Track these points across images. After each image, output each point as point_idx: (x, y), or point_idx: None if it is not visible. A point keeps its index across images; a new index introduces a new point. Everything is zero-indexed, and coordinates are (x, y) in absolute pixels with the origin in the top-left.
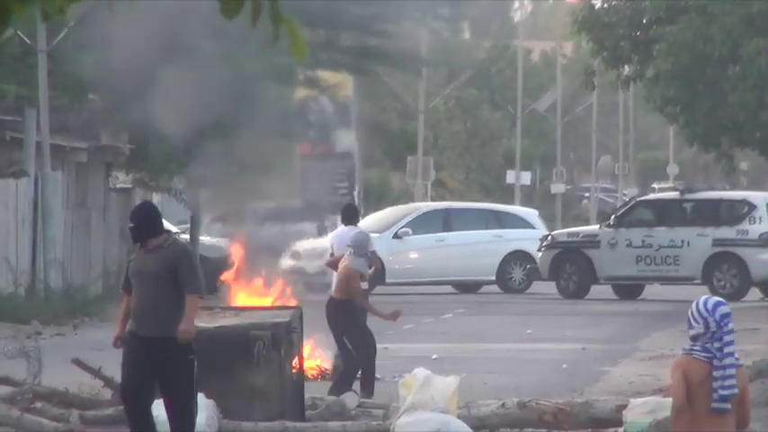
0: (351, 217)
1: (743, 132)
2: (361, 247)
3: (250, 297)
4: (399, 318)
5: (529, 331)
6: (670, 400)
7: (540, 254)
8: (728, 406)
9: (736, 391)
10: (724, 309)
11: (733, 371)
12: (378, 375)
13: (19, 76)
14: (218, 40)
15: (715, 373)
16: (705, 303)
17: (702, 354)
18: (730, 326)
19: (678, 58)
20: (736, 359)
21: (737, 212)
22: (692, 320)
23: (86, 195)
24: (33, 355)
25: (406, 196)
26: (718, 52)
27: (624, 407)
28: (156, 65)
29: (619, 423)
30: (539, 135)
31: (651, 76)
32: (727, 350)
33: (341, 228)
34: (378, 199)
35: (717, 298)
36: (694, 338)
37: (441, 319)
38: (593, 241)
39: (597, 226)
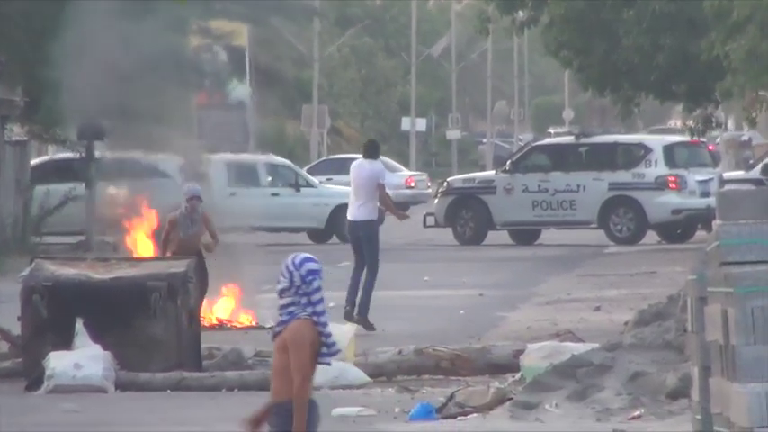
0: (372, 152)
1: (638, 76)
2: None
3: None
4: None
5: (426, 278)
6: (567, 344)
7: (435, 200)
8: (329, 361)
9: (338, 348)
10: (311, 265)
11: (330, 329)
12: (274, 323)
13: None
14: None
15: (320, 329)
16: (294, 259)
17: (303, 314)
18: (316, 283)
19: (572, 2)
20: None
21: (633, 156)
22: (280, 275)
23: None
24: None
25: (301, 145)
26: None
27: (521, 352)
28: (50, 17)
29: (516, 368)
30: (434, 82)
31: (546, 22)
32: (321, 307)
33: (360, 160)
34: (273, 148)
35: (306, 255)
36: (281, 293)
37: (337, 266)
38: (489, 187)
39: (493, 172)
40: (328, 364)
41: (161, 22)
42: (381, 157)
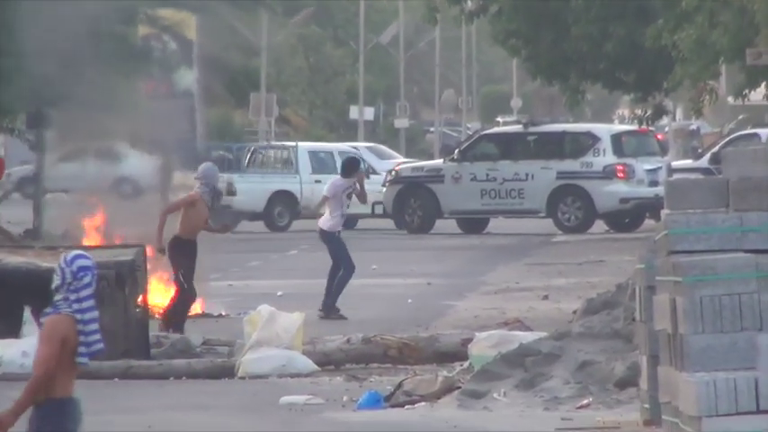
0: (343, 170)
1: (587, 65)
2: (207, 177)
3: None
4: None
5: (374, 267)
6: (515, 333)
7: (384, 189)
8: (86, 361)
9: (101, 346)
10: (82, 262)
11: (95, 326)
12: (222, 312)
13: None
14: None
15: (80, 327)
16: (66, 256)
17: (66, 309)
18: (87, 279)
19: None
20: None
21: (581, 145)
22: (54, 274)
23: None
24: None
25: (249, 133)
26: None
27: (469, 341)
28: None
29: (464, 357)
30: (382, 70)
31: (494, 11)
32: (86, 304)
33: (336, 177)
34: (221, 137)
35: (79, 252)
36: (55, 290)
37: (286, 255)
38: (437, 176)
39: (441, 160)
40: (85, 364)
41: (110, 10)
42: (378, 144)
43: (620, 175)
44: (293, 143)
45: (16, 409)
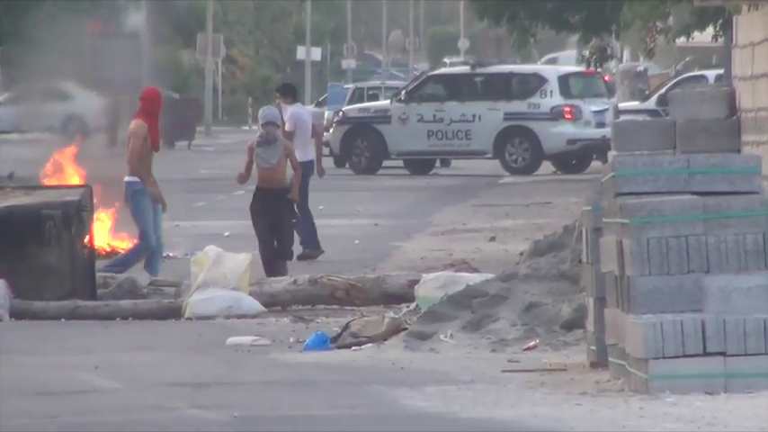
0: (290, 94)
1: (534, 5)
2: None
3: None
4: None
5: (321, 207)
6: (462, 274)
7: (330, 130)
8: None
9: None
10: None
11: None
12: (169, 253)
13: None
14: None
15: None
16: None
17: None
18: None
19: None
20: None
21: (529, 86)
22: None
23: None
24: None
25: (196, 73)
26: None
27: (416, 282)
28: None
29: (411, 298)
30: (329, 10)
31: None
32: None
33: (299, 107)
34: (169, 77)
35: None
36: None
37: (232, 195)
38: (384, 116)
39: (388, 101)
40: None
41: None
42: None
43: (568, 116)
44: None
45: None
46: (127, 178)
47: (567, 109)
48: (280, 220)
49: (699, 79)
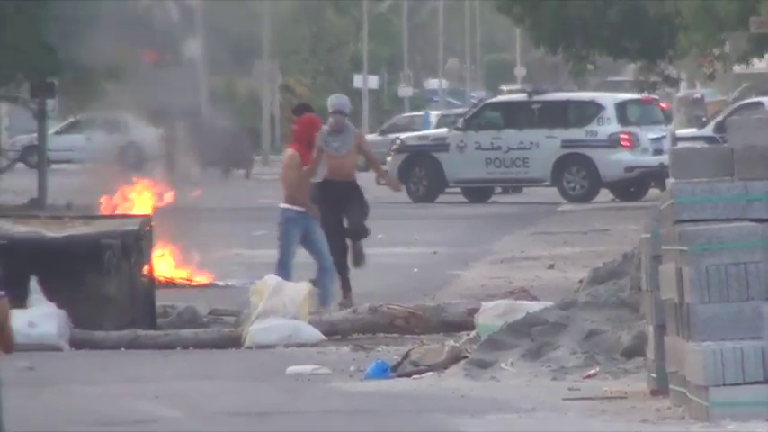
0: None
1: (590, 32)
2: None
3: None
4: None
5: (380, 236)
6: (521, 302)
7: (388, 158)
8: None
9: None
10: None
11: None
12: (228, 282)
13: None
14: None
15: None
16: None
17: None
18: None
19: None
20: None
21: (586, 113)
22: None
23: None
24: None
25: (252, 102)
26: None
27: (476, 310)
28: None
29: (470, 326)
30: (385, 38)
31: None
32: None
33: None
34: (223, 106)
35: None
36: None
37: None
38: (442, 144)
39: (446, 129)
40: None
41: None
42: None
43: (625, 143)
44: None
45: None
46: (282, 205)
47: (625, 136)
48: (349, 207)
49: (756, 106)
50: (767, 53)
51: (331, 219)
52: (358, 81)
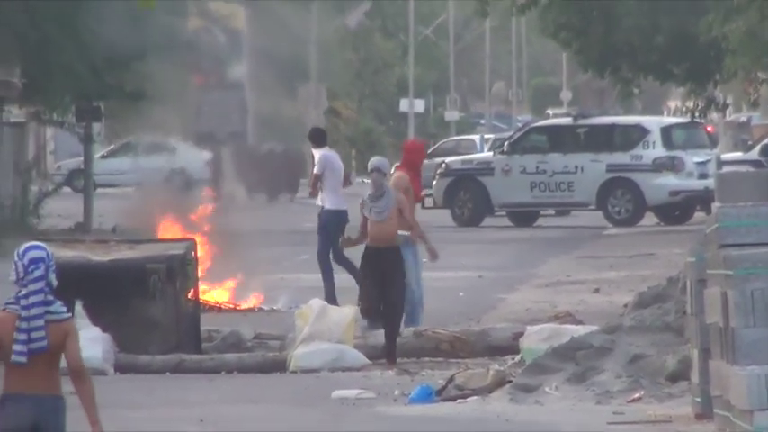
0: (318, 138)
1: (638, 57)
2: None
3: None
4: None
5: (425, 260)
6: (566, 326)
7: (434, 182)
8: (23, 360)
9: (42, 344)
10: (34, 253)
11: (40, 322)
12: (274, 306)
13: None
14: None
15: (19, 325)
16: (18, 249)
17: (13, 306)
18: (37, 272)
19: None
20: (49, 312)
21: (631, 138)
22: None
23: None
24: None
25: (298, 125)
26: None
27: (521, 334)
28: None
29: (515, 350)
30: (431, 62)
31: (545, 3)
32: (33, 299)
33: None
34: (269, 130)
35: (33, 243)
36: (15, 284)
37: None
38: (487, 168)
39: (491, 153)
40: (20, 363)
41: (162, 4)
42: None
43: (670, 167)
44: None
45: None
46: None
47: (670, 160)
48: (389, 281)
49: None
50: None
51: (372, 285)
52: (404, 105)
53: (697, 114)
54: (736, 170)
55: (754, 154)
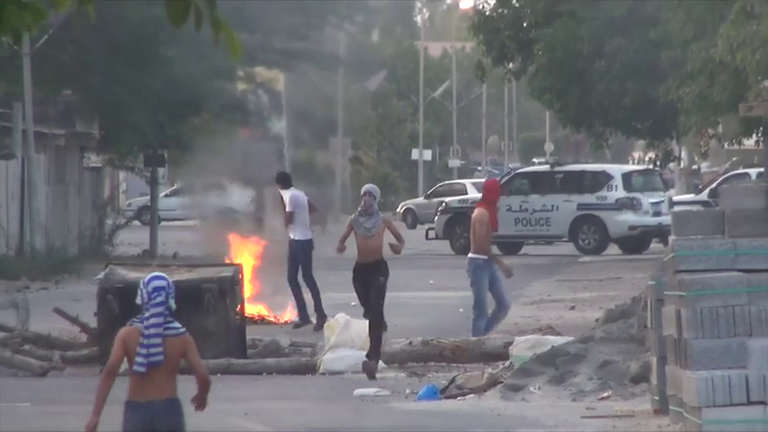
0: (284, 181)
1: (608, 115)
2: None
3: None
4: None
5: (431, 282)
6: (548, 337)
7: (436, 218)
8: (143, 370)
9: (159, 358)
10: (156, 283)
11: (158, 340)
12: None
13: (7, 75)
14: (172, 44)
15: (142, 340)
16: (144, 279)
17: (138, 323)
18: (159, 299)
19: (553, 54)
20: (167, 329)
21: (597, 182)
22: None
23: (64, 173)
24: (22, 305)
25: (327, 172)
26: (586, 49)
27: (510, 344)
28: (121, 66)
29: (506, 357)
30: (437, 119)
31: (532, 71)
32: (153, 321)
33: (297, 191)
34: (305, 175)
35: (156, 274)
36: (140, 307)
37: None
38: None
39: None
40: (140, 372)
41: (215, 69)
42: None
43: (629, 206)
44: None
45: (94, 408)
46: (471, 255)
47: (629, 201)
48: (372, 286)
49: (743, 176)
50: (754, 133)
51: (364, 297)
52: (415, 154)
53: (657, 163)
54: (689, 209)
55: (704, 196)
